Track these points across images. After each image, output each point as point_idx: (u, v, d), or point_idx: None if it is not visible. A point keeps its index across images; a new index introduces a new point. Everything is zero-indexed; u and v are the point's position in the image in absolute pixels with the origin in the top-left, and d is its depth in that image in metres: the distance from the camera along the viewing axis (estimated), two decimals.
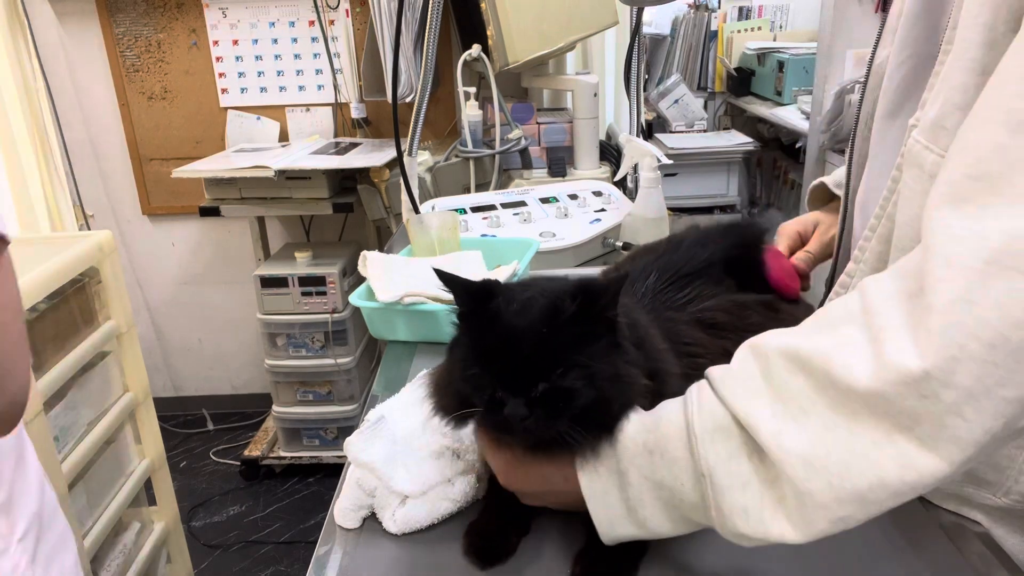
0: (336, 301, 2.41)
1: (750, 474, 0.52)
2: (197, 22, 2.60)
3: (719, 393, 0.54)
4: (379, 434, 0.75)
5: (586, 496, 0.59)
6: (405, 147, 1.58)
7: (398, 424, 0.79)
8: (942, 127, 0.58)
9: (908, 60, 0.70)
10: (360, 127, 2.69)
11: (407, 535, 0.69)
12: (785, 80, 3.00)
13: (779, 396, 0.51)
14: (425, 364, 0.99)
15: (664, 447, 0.55)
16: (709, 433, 0.53)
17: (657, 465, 0.56)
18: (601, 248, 1.48)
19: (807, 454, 0.49)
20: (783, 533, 0.51)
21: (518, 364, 0.57)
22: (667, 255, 0.79)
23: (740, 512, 0.52)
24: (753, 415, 0.51)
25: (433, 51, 1.62)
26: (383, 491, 0.71)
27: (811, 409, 0.50)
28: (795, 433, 0.50)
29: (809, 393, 0.50)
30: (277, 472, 2.68)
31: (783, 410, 0.51)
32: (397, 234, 1.74)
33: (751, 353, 0.55)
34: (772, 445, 0.50)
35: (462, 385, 0.60)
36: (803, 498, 0.49)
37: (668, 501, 0.56)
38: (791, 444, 0.49)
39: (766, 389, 0.52)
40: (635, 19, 1.75)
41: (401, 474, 0.71)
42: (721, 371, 0.56)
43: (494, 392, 0.58)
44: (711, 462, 0.53)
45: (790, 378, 0.51)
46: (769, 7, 3.36)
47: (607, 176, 1.93)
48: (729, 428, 0.53)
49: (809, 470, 0.49)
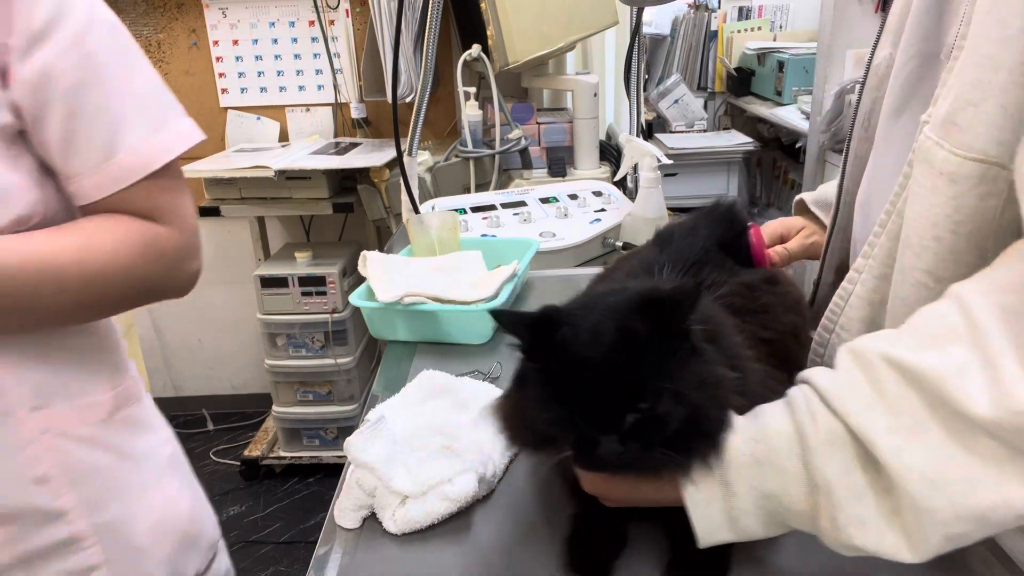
0: (336, 301, 2.41)
1: (865, 486, 0.52)
2: (197, 22, 2.60)
3: (831, 404, 0.54)
4: (379, 434, 0.75)
5: (688, 507, 0.57)
6: (405, 147, 1.58)
7: (398, 424, 0.79)
8: (953, 123, 0.57)
9: (912, 59, 0.70)
10: (360, 127, 2.69)
11: (407, 535, 0.69)
12: (785, 80, 3.00)
13: (891, 409, 0.51)
14: (425, 364, 0.99)
15: (774, 459, 0.55)
16: (825, 445, 0.53)
17: (767, 477, 0.55)
18: (601, 248, 1.48)
19: (928, 471, 0.49)
20: (897, 548, 0.51)
21: (602, 399, 0.54)
22: (669, 248, 0.79)
23: (856, 523, 0.52)
24: (869, 429, 0.51)
25: (433, 51, 1.62)
26: (383, 491, 0.71)
27: (927, 426, 0.50)
28: (913, 449, 0.50)
29: (923, 411, 0.50)
30: (277, 472, 2.68)
31: (898, 424, 0.51)
32: (397, 234, 1.74)
33: (855, 361, 0.55)
34: (892, 460, 0.50)
35: (544, 427, 0.57)
36: (922, 514, 0.50)
37: (772, 511, 0.56)
38: (911, 460, 0.50)
39: (878, 401, 0.52)
40: (635, 19, 1.75)
41: (401, 474, 0.71)
42: (827, 379, 0.56)
43: (581, 432, 0.55)
44: (828, 475, 0.53)
45: (901, 392, 0.51)
46: (769, 7, 3.36)
47: (607, 176, 1.93)
48: (844, 440, 0.53)
49: (930, 487, 0.49)
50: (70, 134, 0.68)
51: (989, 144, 0.55)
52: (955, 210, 0.58)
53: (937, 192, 0.59)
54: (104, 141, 0.70)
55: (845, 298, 0.72)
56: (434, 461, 0.72)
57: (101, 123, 0.69)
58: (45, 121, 0.68)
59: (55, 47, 0.66)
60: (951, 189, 0.58)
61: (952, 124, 0.58)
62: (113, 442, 0.77)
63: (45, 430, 0.71)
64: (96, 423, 0.76)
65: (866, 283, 0.69)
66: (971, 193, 0.57)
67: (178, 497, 0.85)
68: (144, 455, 0.81)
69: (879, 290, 0.68)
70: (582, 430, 0.54)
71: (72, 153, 0.69)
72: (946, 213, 0.58)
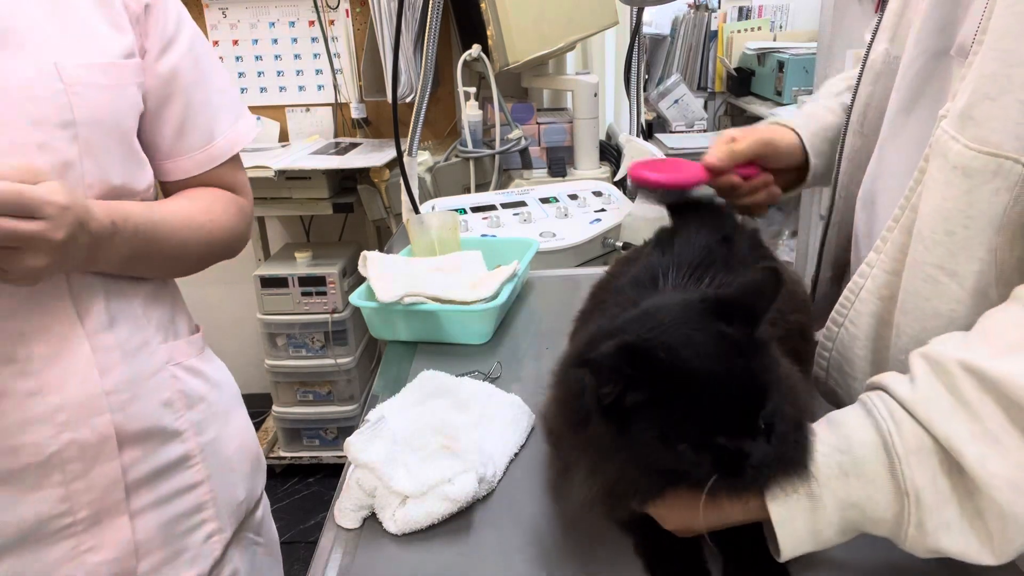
0: (336, 301, 2.41)
1: (950, 491, 0.53)
2: (197, 22, 2.59)
3: (915, 414, 0.54)
4: (379, 434, 0.75)
5: (776, 523, 0.56)
6: (405, 147, 1.58)
7: (398, 424, 0.79)
8: (970, 117, 0.58)
9: (922, 55, 0.70)
10: (360, 127, 2.69)
11: (407, 535, 0.69)
12: (785, 80, 3.00)
13: (973, 417, 0.52)
14: (425, 364, 0.99)
15: (861, 469, 0.55)
16: (914, 455, 0.54)
17: (853, 487, 0.55)
18: (601, 248, 1.48)
19: (1013, 477, 0.50)
20: (980, 552, 0.52)
21: (739, 406, 0.51)
22: (671, 251, 0.78)
23: (944, 528, 0.53)
24: (954, 437, 0.52)
25: (433, 51, 1.63)
26: (383, 491, 0.71)
27: (1008, 433, 0.51)
28: (998, 456, 0.51)
29: (1003, 418, 0.51)
30: (277, 472, 2.68)
31: (981, 431, 0.51)
32: (397, 234, 1.74)
33: (931, 369, 0.55)
34: (977, 468, 0.51)
35: (672, 462, 0.52)
36: (1008, 520, 0.51)
37: (853, 520, 0.56)
38: (995, 468, 0.51)
39: (960, 409, 0.53)
40: (635, 19, 1.75)
41: (401, 474, 0.71)
42: (907, 388, 0.56)
43: (725, 448, 0.51)
44: (918, 483, 0.53)
45: (980, 399, 0.52)
46: (769, 7, 3.36)
47: (607, 176, 1.93)
48: (930, 449, 0.53)
49: (1015, 492, 0.50)
50: (184, 121, 0.85)
51: (1005, 138, 0.55)
52: (968, 204, 0.58)
53: (951, 186, 0.59)
54: (206, 128, 0.87)
55: (856, 292, 0.72)
56: (434, 461, 0.72)
57: (205, 114, 0.87)
58: (166, 110, 0.84)
59: (178, 51, 0.84)
60: (965, 183, 0.58)
61: (968, 118, 0.58)
62: (207, 372, 0.91)
63: (169, 360, 0.84)
64: (197, 356, 0.90)
65: (877, 278, 0.69)
66: (985, 187, 0.57)
67: (248, 425, 1.00)
68: (225, 384, 0.96)
69: (889, 285, 0.68)
70: (725, 445, 0.51)
71: (183, 136, 0.86)
72: (959, 207, 0.58)
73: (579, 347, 0.63)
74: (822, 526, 0.56)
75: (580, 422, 0.56)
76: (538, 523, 0.70)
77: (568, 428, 0.60)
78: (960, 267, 0.60)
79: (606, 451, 0.55)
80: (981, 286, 0.60)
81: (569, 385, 0.60)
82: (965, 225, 0.58)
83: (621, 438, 0.53)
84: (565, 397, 0.61)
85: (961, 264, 0.59)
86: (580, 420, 0.56)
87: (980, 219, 0.58)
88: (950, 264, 0.60)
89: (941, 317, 0.62)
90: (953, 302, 0.61)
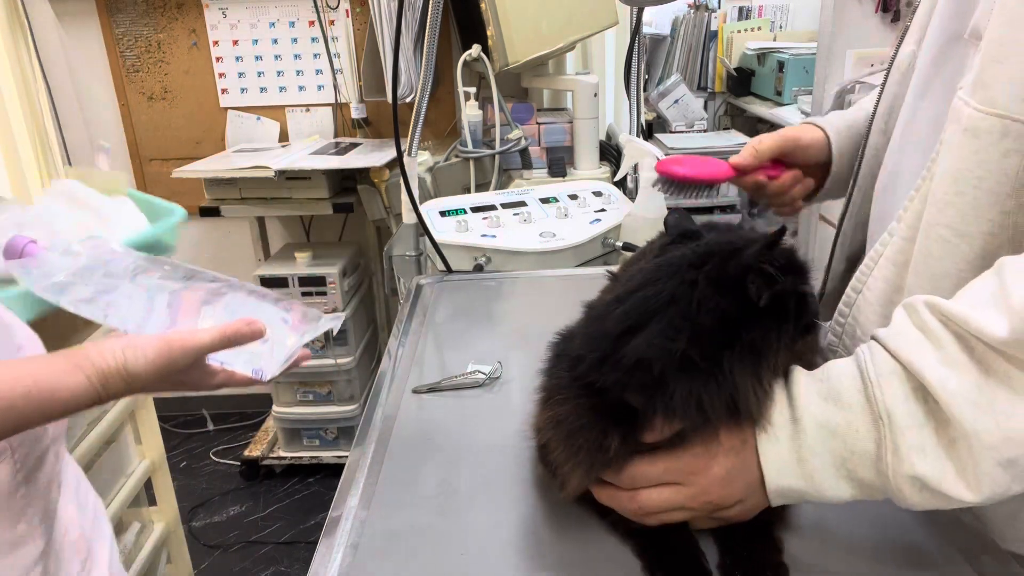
0: (336, 301, 2.41)
1: (925, 415, 0.54)
2: (197, 22, 2.60)
3: (886, 345, 0.56)
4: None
5: (761, 451, 0.58)
6: (405, 147, 1.58)
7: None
8: (981, 82, 0.59)
9: (938, 40, 0.71)
10: (360, 127, 2.70)
11: (407, 535, 0.69)
12: (785, 80, 3.00)
13: (936, 345, 0.54)
14: (425, 364, 0.99)
15: (839, 396, 0.57)
16: (884, 378, 0.55)
17: (831, 411, 0.57)
18: (601, 248, 1.48)
19: (972, 395, 0.51)
20: (956, 485, 0.53)
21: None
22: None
23: (918, 451, 0.53)
24: (918, 362, 0.54)
25: (433, 51, 1.62)
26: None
27: (964, 360, 0.53)
28: (956, 377, 0.52)
29: (957, 347, 0.53)
30: (277, 472, 2.68)
31: (942, 357, 0.53)
32: (397, 234, 1.74)
33: (904, 309, 0.58)
34: (939, 389, 0.52)
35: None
36: (971, 439, 0.51)
37: (839, 453, 0.56)
38: (956, 387, 0.52)
39: (924, 339, 0.55)
40: (635, 19, 1.75)
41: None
42: (884, 329, 0.58)
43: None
44: (888, 403, 0.54)
45: (941, 329, 0.54)
46: (769, 7, 3.37)
47: (607, 176, 1.93)
48: (900, 374, 0.55)
49: (975, 409, 0.51)
50: None
51: (1012, 101, 0.56)
52: (977, 164, 0.59)
53: (961, 147, 0.60)
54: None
55: (876, 260, 0.73)
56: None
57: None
58: None
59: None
60: (973, 144, 0.59)
61: (980, 84, 0.59)
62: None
63: None
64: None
65: (895, 245, 0.70)
66: (993, 148, 0.58)
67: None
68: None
69: (904, 251, 0.68)
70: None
71: None
72: (968, 168, 0.59)
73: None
74: (806, 453, 0.57)
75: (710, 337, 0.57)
76: (538, 523, 0.70)
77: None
78: (970, 227, 0.61)
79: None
80: (991, 248, 0.60)
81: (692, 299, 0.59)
82: (975, 186, 0.59)
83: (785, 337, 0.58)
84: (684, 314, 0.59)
85: (971, 225, 0.60)
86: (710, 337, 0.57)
87: (989, 179, 0.59)
88: (960, 225, 0.61)
89: (949, 277, 0.63)
90: (962, 262, 0.62)
